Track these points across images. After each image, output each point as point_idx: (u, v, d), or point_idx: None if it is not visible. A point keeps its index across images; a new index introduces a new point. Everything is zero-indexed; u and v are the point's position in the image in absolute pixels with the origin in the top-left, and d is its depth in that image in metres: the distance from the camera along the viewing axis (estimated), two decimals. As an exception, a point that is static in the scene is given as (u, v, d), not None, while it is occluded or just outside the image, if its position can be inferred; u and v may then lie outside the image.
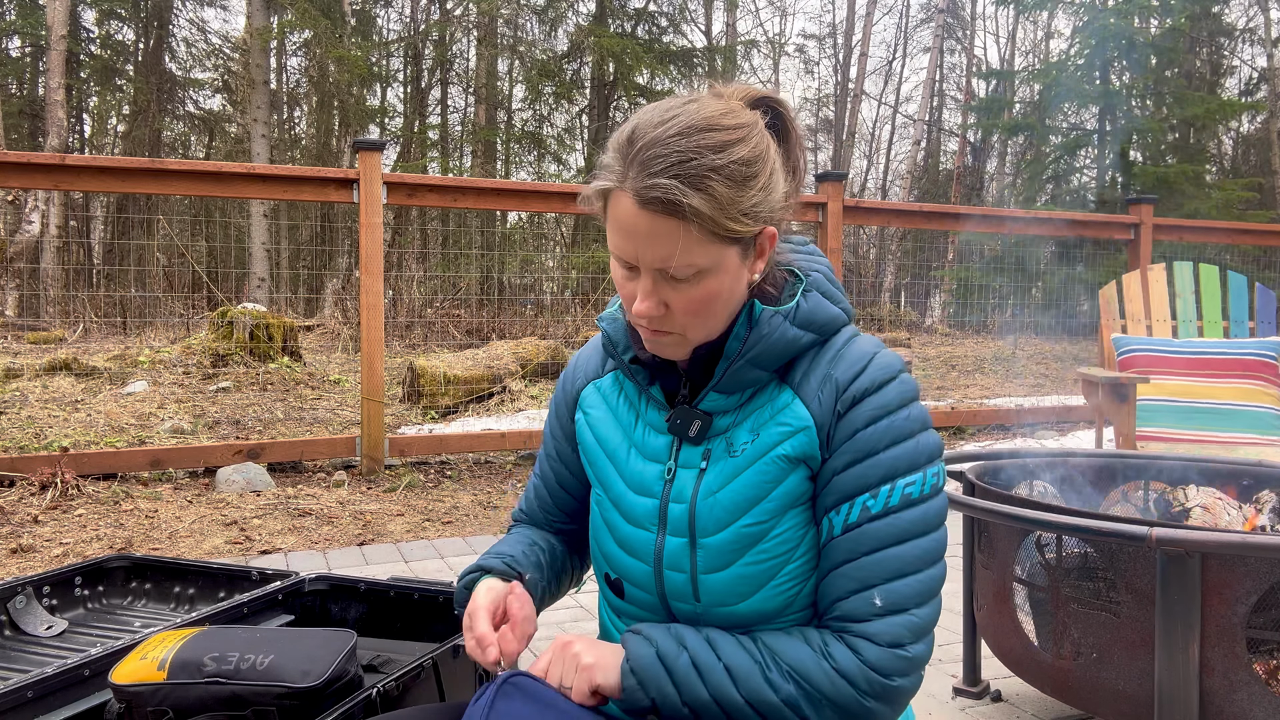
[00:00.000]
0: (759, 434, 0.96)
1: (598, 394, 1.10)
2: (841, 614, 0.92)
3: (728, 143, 0.87)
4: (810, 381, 0.96)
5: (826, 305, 0.98)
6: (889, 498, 0.92)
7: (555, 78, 13.86)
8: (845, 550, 0.93)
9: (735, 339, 0.95)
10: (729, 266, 0.91)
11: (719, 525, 0.96)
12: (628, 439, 1.05)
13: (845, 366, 0.96)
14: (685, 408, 0.99)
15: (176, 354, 6.74)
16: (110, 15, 15.48)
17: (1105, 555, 1.59)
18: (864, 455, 0.93)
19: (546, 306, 9.65)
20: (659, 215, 0.86)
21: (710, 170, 0.86)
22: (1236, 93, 17.54)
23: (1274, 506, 1.90)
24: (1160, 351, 3.27)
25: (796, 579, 0.96)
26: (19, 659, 1.65)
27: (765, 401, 0.97)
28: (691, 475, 0.98)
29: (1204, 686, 1.46)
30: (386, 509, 3.73)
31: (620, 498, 1.04)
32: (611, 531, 1.05)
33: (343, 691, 1.28)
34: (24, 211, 11.34)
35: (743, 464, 0.96)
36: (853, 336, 0.99)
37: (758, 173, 0.89)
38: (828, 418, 0.94)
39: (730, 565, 0.96)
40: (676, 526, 0.98)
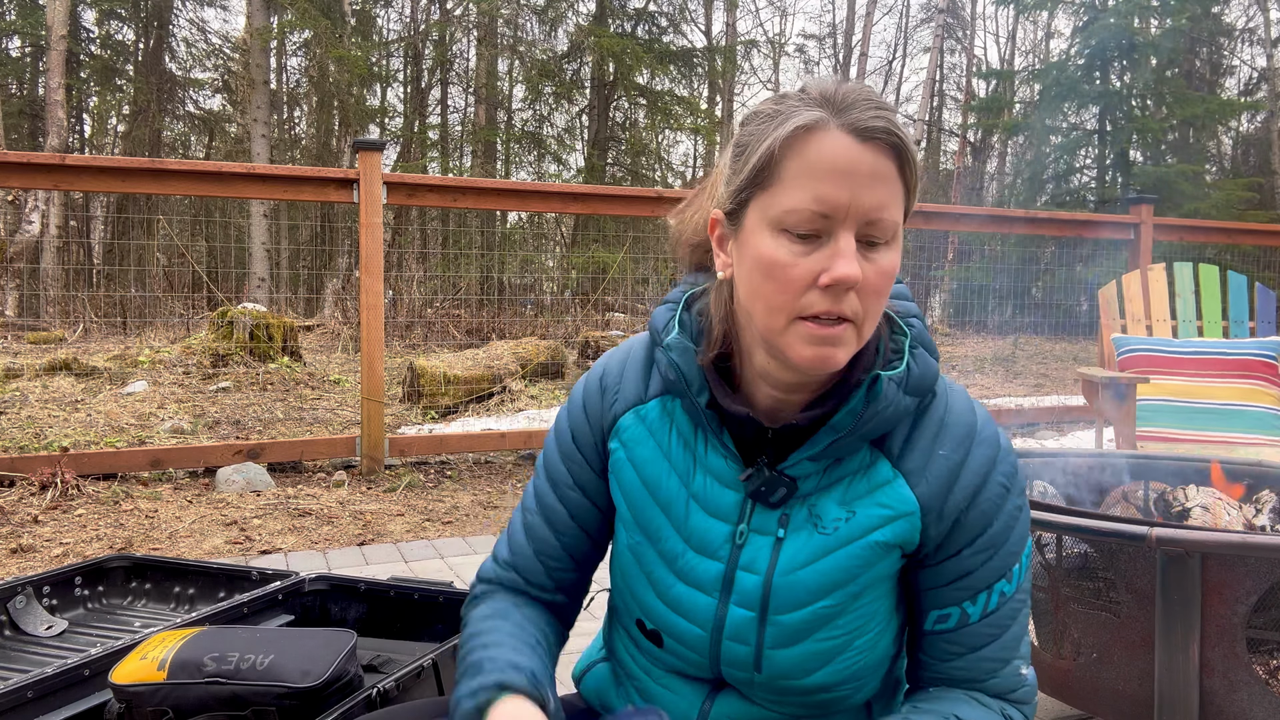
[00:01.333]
0: (854, 512, 0.87)
1: (641, 425, 0.95)
2: (995, 690, 0.91)
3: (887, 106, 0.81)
4: (913, 457, 0.87)
5: (931, 364, 0.88)
6: (1018, 576, 0.90)
7: (555, 78, 13.86)
8: (985, 635, 0.90)
9: (850, 414, 0.85)
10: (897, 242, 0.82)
11: (797, 604, 0.88)
12: (685, 487, 0.92)
13: (954, 447, 0.87)
14: (771, 474, 0.87)
15: (176, 354, 6.74)
16: (110, 15, 15.47)
17: (1105, 555, 1.59)
18: (998, 546, 0.89)
19: (546, 306, 9.65)
20: (885, 151, 0.77)
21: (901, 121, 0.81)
22: (1236, 93, 17.54)
23: (1274, 506, 1.90)
24: (1160, 351, 3.27)
25: (866, 650, 0.91)
26: (19, 659, 1.65)
27: (857, 470, 0.88)
28: (766, 544, 0.89)
29: (1204, 686, 1.46)
30: (386, 509, 3.73)
31: (675, 555, 0.92)
32: (656, 587, 0.94)
33: (343, 692, 1.28)
34: (24, 211, 11.34)
35: (833, 544, 0.87)
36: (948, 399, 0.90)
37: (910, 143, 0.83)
38: (937, 505, 0.87)
39: (801, 642, 0.88)
40: (746, 598, 0.89)
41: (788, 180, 0.79)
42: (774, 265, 0.80)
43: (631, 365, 0.98)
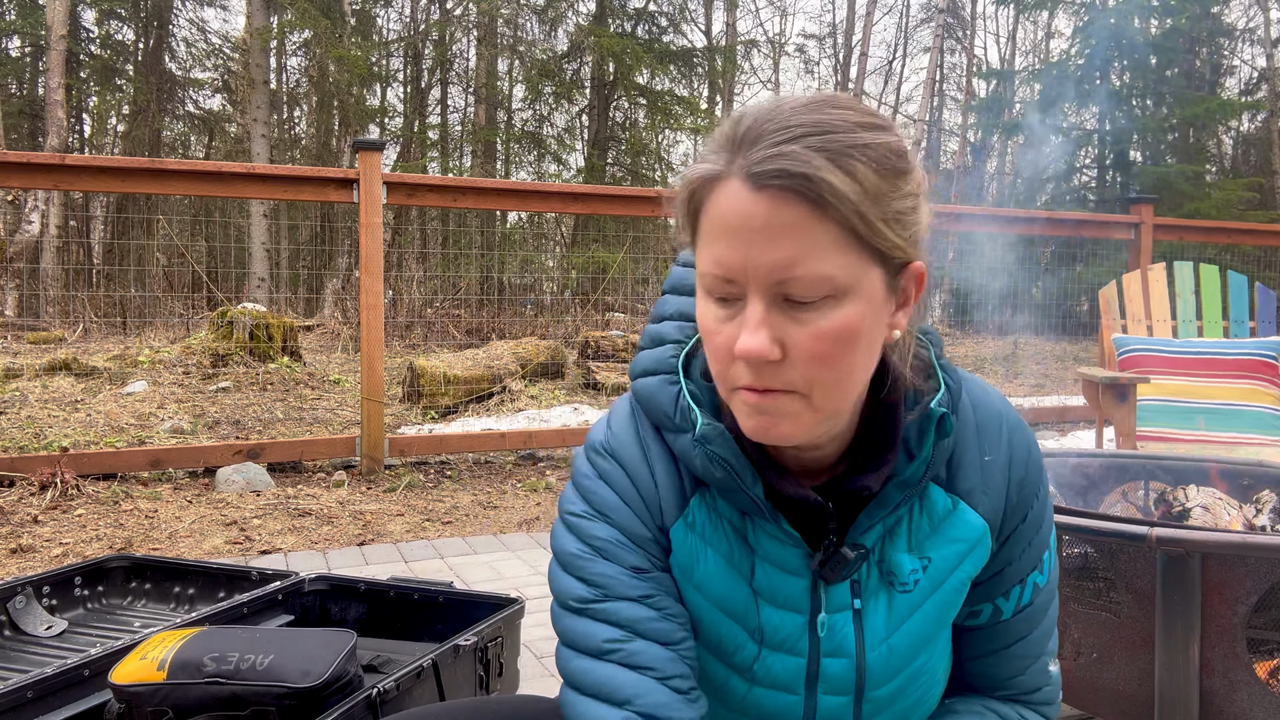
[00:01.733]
0: (929, 558, 0.78)
1: (692, 534, 0.79)
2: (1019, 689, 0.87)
3: (873, 123, 0.66)
4: (966, 474, 0.79)
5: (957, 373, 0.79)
6: (1051, 565, 0.85)
7: (555, 78, 13.86)
8: (1017, 631, 0.85)
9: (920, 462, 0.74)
10: (872, 295, 0.67)
11: (892, 673, 0.80)
12: (745, 584, 0.78)
13: (995, 444, 0.80)
14: (843, 553, 0.75)
15: (176, 354, 6.74)
16: (110, 15, 15.47)
17: (1105, 555, 1.59)
18: (1033, 533, 0.83)
19: (546, 306, 9.65)
20: (783, 197, 0.63)
21: (856, 146, 0.64)
22: (1236, 93, 17.54)
23: (1274, 506, 1.89)
24: (1160, 351, 3.27)
25: (939, 684, 0.87)
26: (19, 659, 1.65)
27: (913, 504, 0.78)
28: (846, 619, 0.79)
29: (1204, 686, 1.46)
30: (386, 509, 3.73)
31: (748, 662, 0.81)
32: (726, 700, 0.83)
33: (343, 692, 1.28)
34: (24, 211, 11.34)
35: (917, 600, 0.79)
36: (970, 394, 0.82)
37: (909, 170, 0.67)
38: (998, 514, 0.80)
39: (896, 703, 0.82)
40: (836, 685, 0.80)
41: (701, 238, 0.69)
42: (705, 331, 0.70)
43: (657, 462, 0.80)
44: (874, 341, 0.70)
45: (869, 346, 0.69)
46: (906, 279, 0.71)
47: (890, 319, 0.71)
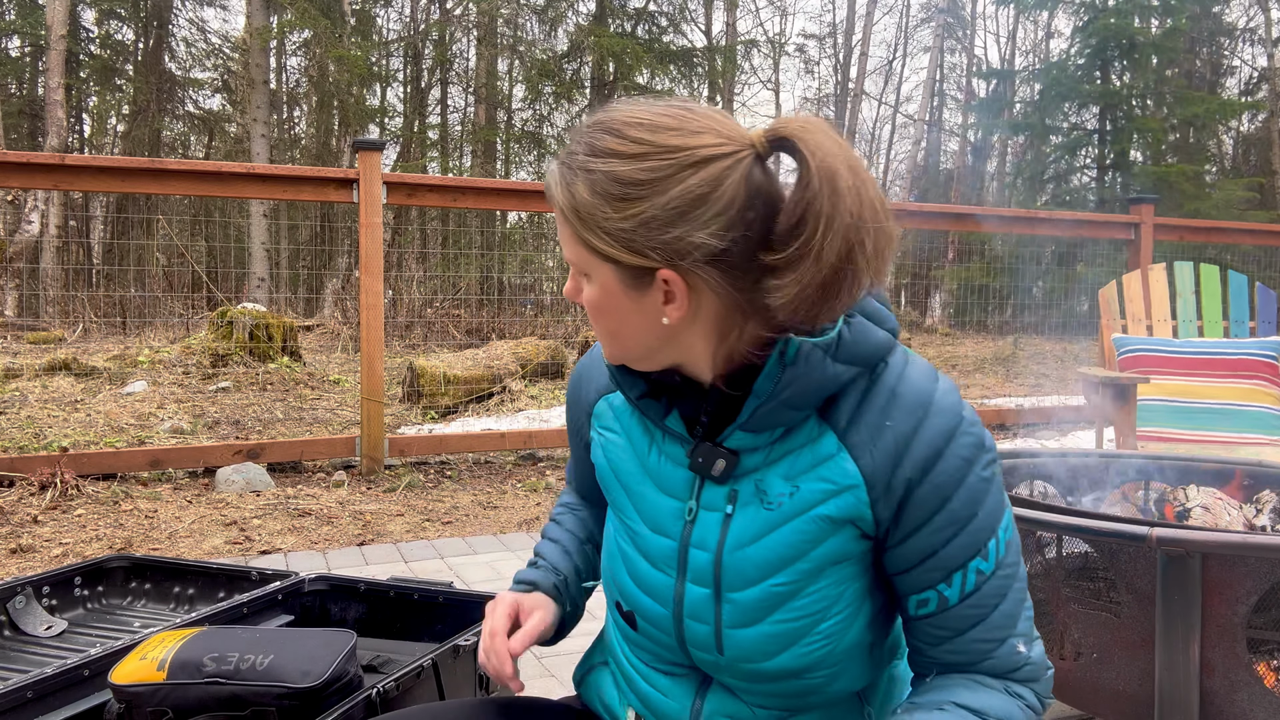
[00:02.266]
0: (798, 486, 0.86)
1: (611, 411, 1.00)
2: (994, 673, 0.89)
3: (614, 153, 0.79)
4: (860, 430, 0.85)
5: (872, 331, 0.86)
6: (996, 551, 0.87)
7: (555, 78, 13.85)
8: (969, 617, 0.88)
9: (767, 378, 0.84)
10: (606, 285, 0.84)
11: (748, 582, 0.88)
12: (643, 466, 0.95)
13: (904, 418, 0.85)
14: (709, 445, 0.89)
15: (176, 354, 6.74)
16: (110, 15, 15.48)
17: (1105, 555, 1.59)
18: (963, 523, 0.85)
19: (546, 306, 9.65)
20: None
21: (582, 170, 0.81)
22: (1236, 93, 17.54)
23: (1274, 506, 1.89)
24: (1160, 351, 3.27)
25: (830, 637, 0.89)
26: (19, 659, 1.65)
27: (804, 443, 0.87)
28: (716, 520, 0.89)
29: (1204, 686, 1.46)
30: (386, 509, 3.73)
31: (637, 533, 0.95)
32: (626, 564, 0.97)
33: (342, 692, 1.28)
34: (24, 211, 11.34)
35: (778, 519, 0.87)
36: (903, 367, 0.87)
37: (634, 198, 0.79)
38: (883, 479, 0.85)
39: (759, 623, 0.88)
40: (699, 575, 0.90)
41: None
42: None
43: (599, 357, 1.04)
44: (628, 319, 0.85)
45: (623, 321, 0.85)
46: (657, 283, 0.82)
47: (659, 309, 0.83)
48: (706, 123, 0.80)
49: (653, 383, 0.92)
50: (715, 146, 0.79)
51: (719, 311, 0.84)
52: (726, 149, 0.79)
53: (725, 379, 0.87)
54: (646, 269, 0.81)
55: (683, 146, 0.78)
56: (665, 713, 0.97)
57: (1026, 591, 0.90)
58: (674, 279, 0.81)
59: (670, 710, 0.96)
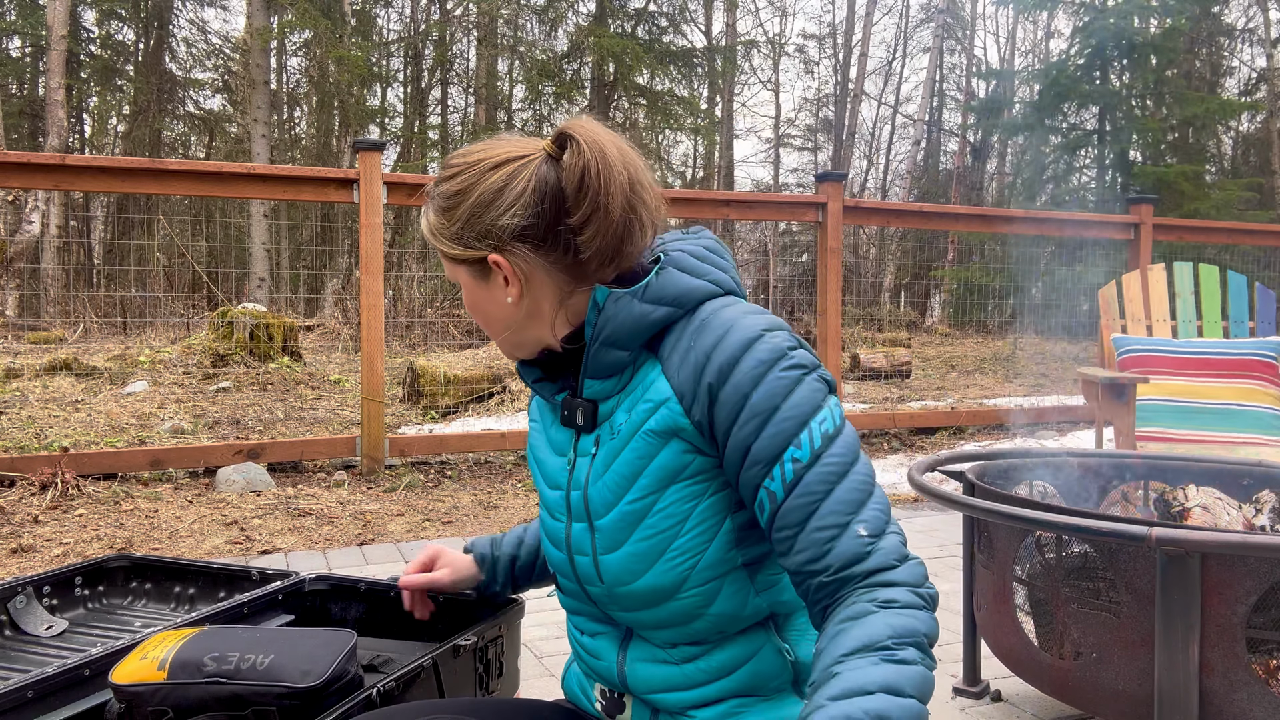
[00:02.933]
0: (631, 413, 1.00)
1: (536, 404, 1.17)
2: (840, 565, 0.89)
3: (442, 179, 1.02)
4: (674, 355, 0.99)
5: (682, 278, 1.00)
6: (811, 443, 0.92)
7: (555, 78, 13.86)
8: (800, 509, 0.91)
9: (588, 324, 1.00)
10: (467, 286, 1.03)
11: (606, 506, 1.00)
12: (547, 440, 1.11)
13: (708, 335, 0.97)
14: (570, 398, 1.05)
15: (176, 354, 6.74)
16: (110, 15, 15.48)
17: (1105, 555, 1.59)
18: (767, 414, 0.92)
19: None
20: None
21: (431, 197, 1.04)
22: (1236, 93, 17.54)
23: (1274, 506, 1.90)
24: (1160, 351, 3.27)
25: (687, 554, 0.97)
26: (19, 659, 1.65)
27: (639, 380, 1.01)
28: (586, 462, 1.03)
29: (1204, 686, 1.46)
30: (386, 509, 3.73)
31: (542, 494, 1.11)
32: (543, 528, 1.12)
33: (343, 691, 1.28)
34: (24, 211, 11.34)
35: (619, 444, 1.00)
36: (722, 307, 0.99)
37: (457, 205, 1.00)
38: (689, 387, 0.96)
39: (622, 545, 0.99)
40: (576, 512, 1.03)
41: None
42: None
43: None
44: (492, 309, 1.03)
45: (489, 312, 1.03)
46: (492, 269, 1.00)
47: (504, 293, 1.01)
48: (507, 143, 1.01)
49: (546, 366, 1.08)
50: (509, 152, 1.00)
51: (549, 284, 1.01)
52: (519, 153, 0.99)
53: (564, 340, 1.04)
54: (480, 259, 1.00)
55: (484, 158, 1.00)
56: (604, 674, 1.07)
57: (874, 488, 0.92)
58: (500, 260, 0.99)
59: (605, 670, 1.07)
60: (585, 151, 0.97)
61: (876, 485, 0.93)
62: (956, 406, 6.08)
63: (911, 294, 15.82)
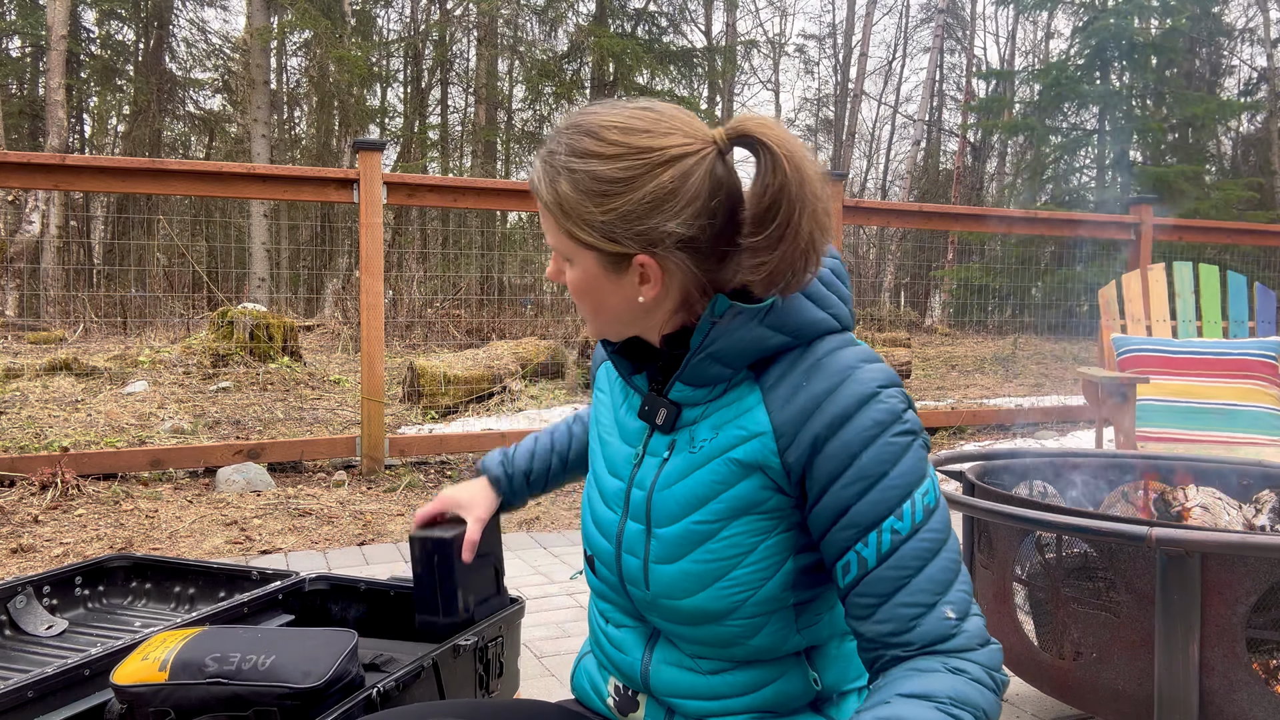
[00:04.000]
0: (718, 433, 0.95)
1: (605, 375, 1.13)
2: (922, 644, 0.88)
3: (593, 154, 0.89)
4: (780, 388, 0.93)
5: (807, 308, 0.94)
6: (913, 515, 0.89)
7: (555, 78, 13.85)
8: (889, 580, 0.89)
9: (698, 332, 0.94)
10: (589, 269, 0.94)
11: (671, 518, 0.96)
12: (615, 419, 1.07)
13: (821, 380, 0.91)
14: (654, 395, 1.00)
15: (176, 354, 6.74)
16: (110, 15, 15.47)
17: (1105, 555, 1.59)
18: (874, 479, 0.89)
19: (546, 306, 9.65)
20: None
21: (564, 169, 0.90)
22: (1236, 93, 17.54)
23: (1274, 506, 1.90)
24: (1160, 351, 3.27)
25: (745, 586, 0.94)
26: (19, 659, 1.66)
27: (734, 400, 0.96)
28: (655, 463, 0.99)
29: (1204, 686, 1.46)
30: (386, 509, 3.73)
31: (599, 476, 1.07)
32: (590, 508, 1.08)
33: (344, 692, 1.28)
34: (24, 211, 11.34)
35: (698, 461, 0.96)
36: (839, 347, 0.94)
37: (612, 194, 0.89)
38: (791, 428, 0.91)
39: (679, 559, 0.95)
40: (636, 512, 0.99)
41: None
42: None
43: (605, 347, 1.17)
44: (608, 298, 0.95)
45: (603, 300, 0.96)
46: (636, 266, 0.92)
47: (636, 289, 0.94)
48: (674, 124, 0.90)
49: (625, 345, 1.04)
50: (683, 146, 0.89)
51: (685, 288, 0.95)
52: (693, 147, 0.89)
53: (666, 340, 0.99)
54: (624, 255, 0.91)
55: (654, 147, 0.88)
56: (625, 669, 1.04)
57: (961, 567, 0.90)
58: (649, 263, 0.92)
59: (627, 665, 1.04)
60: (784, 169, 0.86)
61: (962, 564, 0.91)
62: (956, 406, 6.08)
63: (911, 294, 15.82)
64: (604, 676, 1.08)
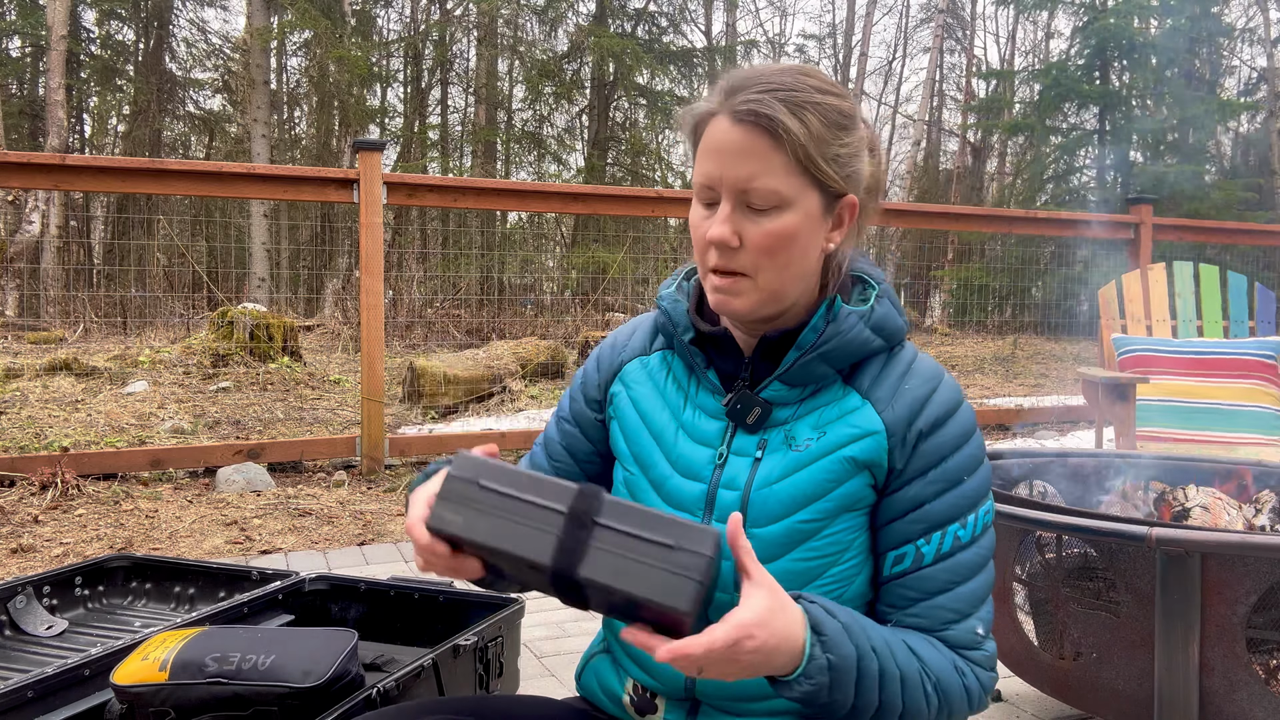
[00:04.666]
0: (825, 432, 0.95)
1: (644, 370, 1.08)
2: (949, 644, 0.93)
3: (827, 90, 0.92)
4: (881, 389, 0.97)
5: (893, 314, 0.99)
6: (975, 526, 0.95)
7: (555, 78, 13.85)
8: (942, 580, 0.93)
9: (812, 330, 0.95)
10: (810, 211, 0.92)
11: (772, 518, 0.94)
12: (675, 420, 1.02)
13: (920, 383, 0.97)
14: (746, 393, 0.98)
15: (176, 354, 6.74)
16: (110, 15, 15.46)
17: (1105, 555, 1.59)
18: (954, 483, 0.95)
19: (546, 306, 9.65)
20: (753, 130, 0.89)
21: (808, 102, 0.90)
22: (1236, 93, 17.53)
23: (1274, 506, 1.90)
24: (1160, 351, 3.27)
25: (841, 582, 0.96)
26: (19, 659, 1.66)
27: (830, 401, 0.97)
28: (745, 463, 0.97)
29: (1204, 686, 1.46)
30: (386, 509, 3.73)
31: (663, 480, 1.01)
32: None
33: (344, 691, 1.28)
34: (24, 211, 11.34)
35: (805, 459, 0.95)
36: (917, 354, 1.00)
37: (851, 128, 0.93)
38: (901, 429, 0.95)
39: (778, 559, 0.94)
40: (726, 513, 0.96)
41: (698, 159, 0.95)
42: (692, 226, 0.96)
43: (641, 327, 1.12)
44: (809, 246, 0.93)
45: (804, 249, 0.93)
46: (842, 206, 0.95)
47: (827, 234, 0.95)
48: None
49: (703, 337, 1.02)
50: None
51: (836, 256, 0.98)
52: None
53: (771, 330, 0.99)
54: (840, 194, 0.94)
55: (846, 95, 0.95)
56: (659, 672, 1.00)
57: (990, 591, 0.96)
58: (854, 205, 0.96)
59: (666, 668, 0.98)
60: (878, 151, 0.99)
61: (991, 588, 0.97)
62: (956, 406, 6.07)
63: (911, 294, 15.80)
64: (620, 677, 1.06)
